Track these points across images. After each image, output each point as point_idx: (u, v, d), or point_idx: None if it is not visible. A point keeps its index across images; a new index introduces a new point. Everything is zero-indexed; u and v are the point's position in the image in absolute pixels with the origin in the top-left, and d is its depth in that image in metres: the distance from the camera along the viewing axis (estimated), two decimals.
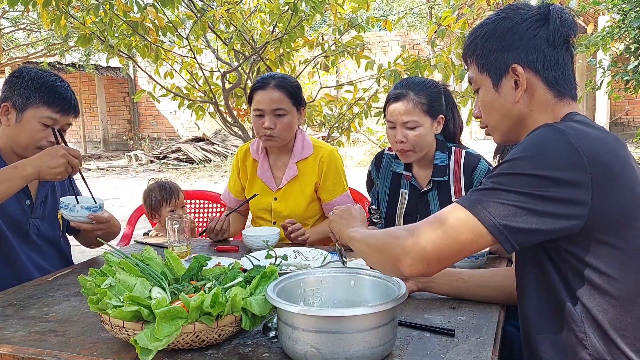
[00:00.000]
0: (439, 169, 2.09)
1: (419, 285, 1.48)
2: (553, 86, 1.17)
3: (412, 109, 2.01)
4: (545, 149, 1.05)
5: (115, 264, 1.31)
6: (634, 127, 12.15)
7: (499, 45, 1.18)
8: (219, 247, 2.16)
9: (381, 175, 2.28)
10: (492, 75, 1.21)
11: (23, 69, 1.89)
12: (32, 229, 1.94)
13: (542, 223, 1.03)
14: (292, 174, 2.36)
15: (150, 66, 4.37)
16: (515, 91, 1.19)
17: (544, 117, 1.18)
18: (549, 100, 1.18)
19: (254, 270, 1.34)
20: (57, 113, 1.86)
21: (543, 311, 1.13)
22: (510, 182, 1.05)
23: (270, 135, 2.26)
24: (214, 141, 12.61)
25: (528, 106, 1.19)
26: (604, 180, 1.03)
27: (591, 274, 1.06)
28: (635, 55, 4.97)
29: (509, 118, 1.22)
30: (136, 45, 3.81)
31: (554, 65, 1.17)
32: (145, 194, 2.63)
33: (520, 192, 1.03)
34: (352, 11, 4.07)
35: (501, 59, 1.19)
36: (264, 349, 1.20)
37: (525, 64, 1.17)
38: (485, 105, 1.26)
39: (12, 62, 12.18)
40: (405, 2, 14.70)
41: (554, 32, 1.15)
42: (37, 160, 1.71)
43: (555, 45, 1.16)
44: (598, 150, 1.05)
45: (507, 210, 1.04)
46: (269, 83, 2.25)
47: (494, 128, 1.27)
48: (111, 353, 1.19)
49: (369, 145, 10.97)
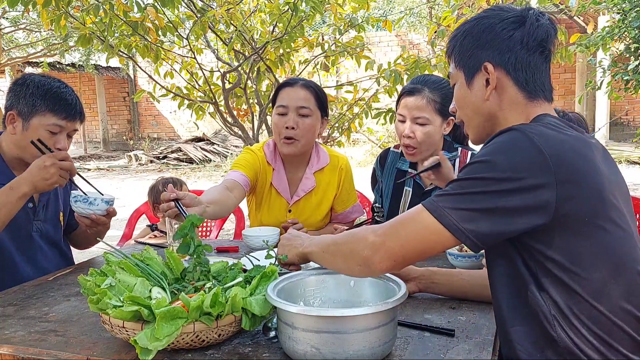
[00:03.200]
0: None
1: (420, 286, 1.48)
2: (523, 87, 1.20)
3: (424, 105, 2.01)
4: (508, 152, 1.08)
5: (115, 264, 1.31)
6: (634, 127, 12.14)
7: (475, 43, 1.22)
8: (219, 247, 2.16)
9: (385, 173, 2.28)
10: (465, 72, 1.25)
11: (27, 76, 1.88)
12: (35, 232, 1.94)
13: (505, 225, 1.06)
14: (310, 185, 2.25)
15: (150, 66, 4.37)
16: (485, 89, 1.21)
17: (516, 116, 1.20)
18: (520, 100, 1.20)
19: (254, 270, 1.34)
20: (63, 120, 1.86)
21: (514, 304, 1.15)
22: (472, 186, 1.08)
23: (292, 137, 2.11)
24: (214, 141, 12.61)
25: (498, 104, 1.21)
26: (569, 180, 1.06)
27: (557, 270, 1.08)
28: (635, 55, 4.96)
29: (479, 115, 1.25)
30: (136, 45, 3.82)
31: (525, 67, 1.19)
32: (149, 188, 2.68)
33: (483, 195, 1.07)
34: (352, 11, 4.07)
35: (475, 57, 1.22)
36: (264, 349, 1.20)
37: (497, 63, 1.19)
38: (459, 100, 1.29)
39: (12, 62, 12.18)
40: (406, 2, 14.69)
41: (528, 35, 1.17)
42: (29, 176, 1.72)
43: (529, 48, 1.18)
44: (562, 151, 1.07)
45: (469, 214, 1.07)
46: (297, 82, 2.18)
47: (467, 125, 1.31)
48: (111, 353, 1.19)
49: (369, 145, 10.98)
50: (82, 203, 1.87)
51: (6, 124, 1.87)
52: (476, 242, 1.08)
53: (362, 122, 4.37)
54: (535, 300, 1.10)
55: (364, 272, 1.20)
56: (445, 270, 1.50)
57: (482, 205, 1.06)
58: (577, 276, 1.08)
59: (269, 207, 2.28)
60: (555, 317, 1.09)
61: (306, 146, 2.18)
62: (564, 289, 1.08)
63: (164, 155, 12.41)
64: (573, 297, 1.08)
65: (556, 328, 1.09)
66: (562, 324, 1.09)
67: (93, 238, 2.07)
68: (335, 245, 1.25)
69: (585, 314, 1.08)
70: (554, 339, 1.09)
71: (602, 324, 1.08)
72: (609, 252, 1.10)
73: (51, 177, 1.73)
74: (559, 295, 1.09)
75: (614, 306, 1.09)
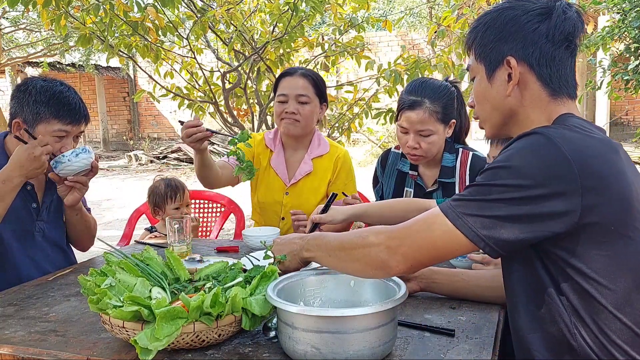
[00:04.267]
0: (447, 170, 2.10)
1: (421, 285, 1.48)
2: (547, 83, 1.15)
3: (427, 119, 1.99)
4: (530, 157, 1.03)
5: (115, 264, 1.31)
6: (634, 127, 12.14)
7: (497, 36, 1.16)
8: (219, 247, 2.16)
9: (386, 174, 2.29)
10: (486, 66, 1.19)
11: (28, 82, 1.88)
12: (37, 232, 1.94)
13: (525, 232, 1.03)
14: (307, 169, 2.37)
15: (150, 66, 4.37)
16: (507, 84, 1.16)
17: (537, 115, 1.16)
18: (543, 97, 1.15)
19: (254, 270, 1.34)
20: (68, 125, 1.86)
21: (532, 310, 1.12)
22: (492, 192, 1.04)
23: (293, 118, 2.27)
24: (214, 141, 12.60)
25: (520, 101, 1.17)
26: (595, 189, 1.01)
27: (578, 277, 1.04)
28: (635, 55, 4.97)
29: (499, 111, 1.20)
30: (136, 45, 3.82)
31: (550, 62, 1.13)
32: (150, 190, 2.61)
33: (503, 202, 1.03)
34: (352, 11, 4.07)
35: (497, 50, 1.16)
36: (264, 349, 1.20)
37: (520, 58, 1.14)
38: (478, 95, 1.24)
39: (12, 62, 12.18)
40: (406, 2, 14.69)
41: (554, 28, 1.12)
42: (20, 168, 1.74)
43: (554, 42, 1.12)
44: (588, 156, 1.03)
45: (489, 222, 1.04)
46: (296, 71, 2.32)
47: (485, 120, 1.25)
48: (111, 353, 1.19)
49: (369, 145, 10.98)
50: (65, 162, 1.84)
51: (13, 131, 1.87)
52: (495, 249, 1.05)
53: (362, 122, 4.37)
54: (555, 306, 1.07)
55: (380, 275, 1.19)
56: (446, 270, 1.49)
57: (503, 212, 1.03)
58: (600, 285, 1.04)
59: (267, 186, 2.39)
60: (576, 325, 1.06)
61: (306, 128, 2.32)
62: (586, 297, 1.05)
63: (164, 155, 12.41)
64: (595, 307, 1.04)
65: (577, 337, 1.06)
66: (582, 333, 1.05)
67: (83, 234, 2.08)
68: (343, 250, 1.23)
69: (608, 324, 1.04)
70: (573, 348, 1.06)
71: (626, 336, 1.05)
72: (634, 261, 1.06)
73: (42, 165, 1.77)
74: (581, 303, 1.05)
75: (638, 317, 1.05)
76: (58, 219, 2.02)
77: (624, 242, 1.05)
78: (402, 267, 1.13)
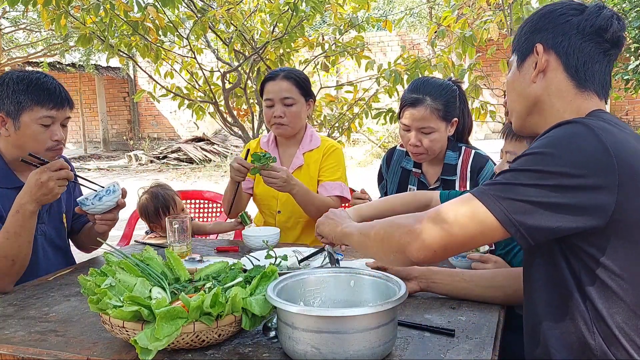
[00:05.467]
0: (449, 168, 2.12)
1: (422, 285, 1.48)
2: (572, 74, 1.15)
3: (428, 116, 2.02)
4: (572, 146, 1.01)
5: (115, 264, 1.31)
6: (634, 127, 12.14)
7: (532, 28, 1.19)
8: (219, 247, 2.16)
9: (391, 171, 2.32)
10: (519, 55, 1.22)
11: (4, 76, 1.85)
12: (39, 235, 1.93)
13: (560, 221, 1.01)
14: (298, 163, 2.43)
15: (150, 66, 4.37)
16: (534, 71, 1.18)
17: (563, 105, 1.16)
18: (568, 88, 1.15)
19: (254, 270, 1.34)
20: (51, 109, 1.83)
21: (551, 305, 1.11)
22: (527, 178, 1.02)
23: (280, 122, 2.35)
24: (214, 141, 12.61)
25: (545, 89, 1.17)
26: (630, 184, 1.00)
27: (604, 275, 1.03)
28: (636, 55, 4.97)
29: (524, 98, 1.21)
30: (136, 45, 3.82)
31: (577, 53, 1.14)
32: (139, 210, 2.46)
33: (540, 188, 1.01)
34: (352, 11, 4.07)
35: (529, 40, 1.19)
36: (264, 349, 1.20)
37: (549, 46, 1.16)
38: (508, 85, 1.26)
39: (12, 62, 12.17)
40: (406, 2, 14.69)
41: (585, 21, 1.13)
42: (30, 195, 1.68)
43: (584, 34, 1.13)
44: (626, 152, 1.02)
45: (523, 206, 1.01)
46: (278, 74, 2.38)
47: (512, 109, 1.26)
48: (111, 353, 1.19)
49: (369, 145, 10.98)
50: (107, 196, 1.85)
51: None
52: (526, 235, 1.02)
53: (362, 122, 4.37)
54: (576, 305, 1.06)
55: (399, 260, 1.16)
56: (446, 270, 1.50)
57: (539, 198, 1.00)
58: (627, 284, 1.03)
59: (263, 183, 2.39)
60: (595, 323, 1.05)
61: (295, 129, 2.42)
62: (609, 297, 1.04)
63: (164, 155, 12.41)
64: (618, 305, 1.04)
65: (595, 335, 1.05)
66: (601, 333, 1.04)
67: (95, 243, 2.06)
68: (372, 228, 1.21)
69: (629, 324, 1.04)
70: (590, 347, 1.05)
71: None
72: None
73: (51, 191, 1.70)
74: (603, 302, 1.04)
75: None
76: (58, 220, 2.02)
77: None
78: (424, 254, 1.10)
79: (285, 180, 2.15)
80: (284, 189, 2.18)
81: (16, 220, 1.67)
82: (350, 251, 1.97)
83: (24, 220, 1.68)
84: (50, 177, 1.69)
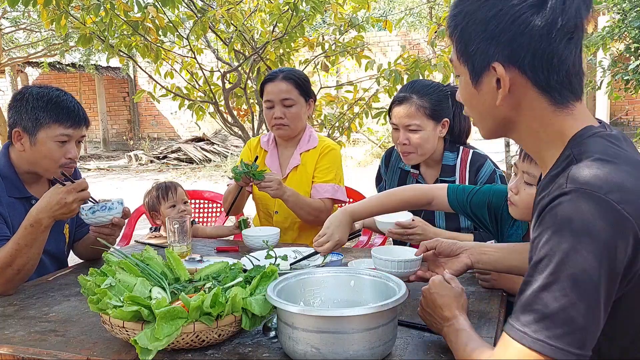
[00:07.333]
0: (447, 169, 2.12)
1: (472, 258, 1.43)
2: (546, 90, 0.96)
3: (414, 113, 2.04)
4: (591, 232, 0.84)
5: (115, 264, 1.31)
6: (634, 127, 12.13)
7: (481, 34, 0.95)
8: (219, 247, 2.16)
9: (389, 172, 2.32)
10: (470, 70, 1.00)
11: (24, 90, 1.86)
12: None
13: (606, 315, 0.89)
14: (295, 163, 2.44)
15: (150, 66, 4.37)
16: (497, 91, 0.98)
17: (541, 126, 0.99)
18: (544, 107, 0.97)
19: (254, 270, 1.34)
20: (69, 128, 1.84)
21: None
22: (565, 294, 0.85)
23: (281, 124, 2.36)
24: (214, 141, 12.60)
25: (516, 111, 0.99)
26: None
27: None
28: (636, 55, 4.97)
29: (491, 119, 1.03)
30: (136, 45, 3.81)
31: (546, 65, 0.94)
32: (144, 198, 2.58)
33: (583, 300, 0.85)
34: (352, 11, 4.07)
35: (481, 53, 0.96)
36: (264, 349, 1.20)
37: (509, 62, 0.95)
38: (464, 100, 1.07)
39: (12, 62, 12.17)
40: (405, 2, 14.69)
41: (551, 23, 0.91)
42: (49, 210, 1.67)
43: (551, 39, 0.92)
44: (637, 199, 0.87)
45: (578, 335, 0.85)
46: (277, 75, 2.38)
47: (477, 124, 1.09)
48: (111, 353, 1.19)
49: (369, 145, 10.97)
50: (101, 212, 1.83)
51: (13, 142, 1.85)
52: None
53: (362, 122, 4.37)
54: None
55: None
56: (493, 244, 1.48)
57: (586, 316, 0.85)
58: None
59: None
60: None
61: (296, 130, 2.42)
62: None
63: (164, 155, 12.40)
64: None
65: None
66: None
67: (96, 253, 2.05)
68: None
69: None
70: None
71: None
72: None
73: (71, 211, 1.70)
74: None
75: None
76: (59, 232, 2.00)
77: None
78: None
79: (277, 188, 2.18)
80: (276, 194, 2.21)
81: (29, 233, 1.66)
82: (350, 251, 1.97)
83: (37, 234, 1.67)
84: (75, 199, 1.69)
